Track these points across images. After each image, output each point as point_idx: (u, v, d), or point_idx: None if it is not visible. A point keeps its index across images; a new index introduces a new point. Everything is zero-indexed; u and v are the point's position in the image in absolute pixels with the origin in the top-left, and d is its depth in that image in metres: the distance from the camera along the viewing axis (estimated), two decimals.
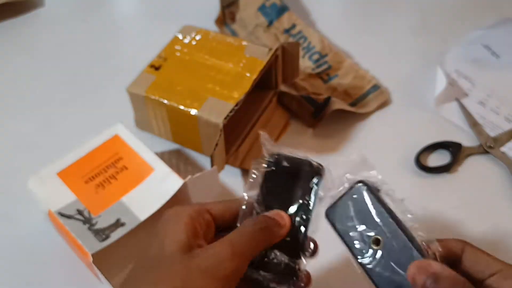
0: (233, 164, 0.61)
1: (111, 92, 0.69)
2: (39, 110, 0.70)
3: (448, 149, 0.63)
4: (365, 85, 0.70)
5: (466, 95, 0.69)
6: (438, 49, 0.75)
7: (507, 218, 0.57)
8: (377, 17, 0.83)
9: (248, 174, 0.40)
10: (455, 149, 0.62)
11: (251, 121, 0.63)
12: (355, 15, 0.85)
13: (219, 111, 0.55)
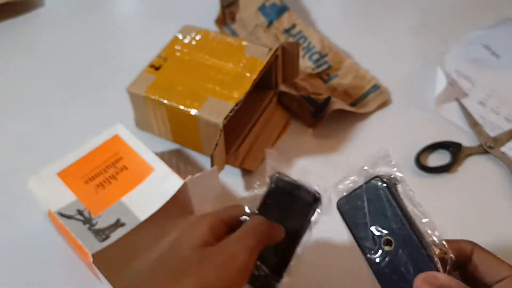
0: (233, 164, 0.61)
1: (111, 92, 0.69)
2: (39, 110, 0.70)
3: (448, 149, 0.63)
4: (365, 85, 0.70)
5: (466, 95, 0.69)
6: (438, 49, 0.75)
7: (507, 218, 0.57)
8: (377, 17, 0.83)
9: (248, 174, 0.41)
10: (455, 149, 0.62)
11: (251, 121, 0.63)
12: (355, 15, 0.85)
13: (219, 111, 0.55)
